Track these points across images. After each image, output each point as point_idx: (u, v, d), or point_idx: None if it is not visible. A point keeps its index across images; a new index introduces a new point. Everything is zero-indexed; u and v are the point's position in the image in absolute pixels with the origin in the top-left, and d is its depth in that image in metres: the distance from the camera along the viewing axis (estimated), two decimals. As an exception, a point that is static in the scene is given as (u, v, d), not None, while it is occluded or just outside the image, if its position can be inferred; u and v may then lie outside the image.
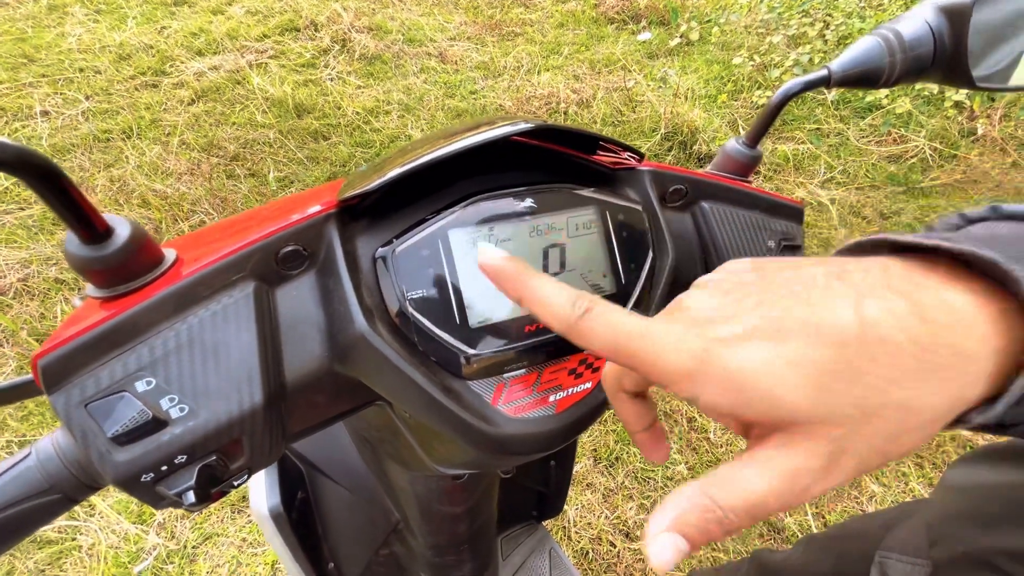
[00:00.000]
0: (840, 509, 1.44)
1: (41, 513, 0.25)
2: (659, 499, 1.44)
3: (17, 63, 2.73)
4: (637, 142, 2.57)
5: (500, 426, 0.30)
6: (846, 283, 0.20)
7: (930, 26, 0.35)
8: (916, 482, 1.49)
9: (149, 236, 0.27)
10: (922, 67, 0.36)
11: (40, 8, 3.17)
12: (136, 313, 0.25)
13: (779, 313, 0.20)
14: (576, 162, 0.36)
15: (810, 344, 0.19)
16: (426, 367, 0.29)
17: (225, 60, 2.85)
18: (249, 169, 2.27)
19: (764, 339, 0.19)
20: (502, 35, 3.37)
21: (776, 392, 0.19)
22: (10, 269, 1.73)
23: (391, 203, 0.30)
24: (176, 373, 0.26)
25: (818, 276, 0.21)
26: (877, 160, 2.59)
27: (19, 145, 0.21)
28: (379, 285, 0.29)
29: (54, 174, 0.22)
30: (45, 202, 0.22)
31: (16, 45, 2.85)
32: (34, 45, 2.86)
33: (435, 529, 0.61)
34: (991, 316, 0.19)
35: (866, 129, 2.76)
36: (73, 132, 2.35)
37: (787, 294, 0.20)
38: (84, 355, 0.25)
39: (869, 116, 2.79)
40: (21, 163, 0.21)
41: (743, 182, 0.44)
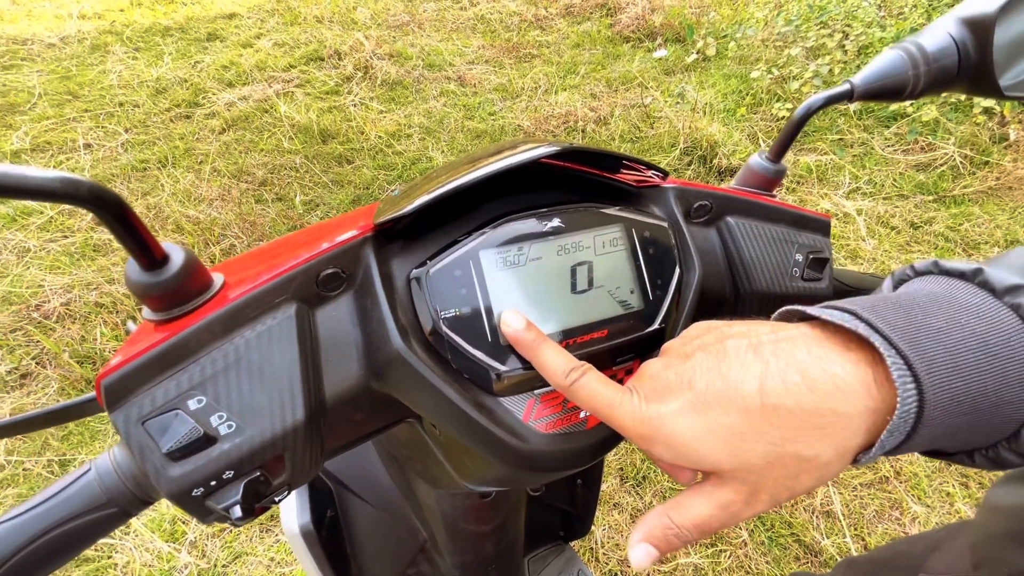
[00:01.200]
0: (881, 531, 1.38)
1: (99, 526, 0.27)
2: (688, 520, 1.41)
3: (62, 100, 2.89)
4: (656, 157, 2.57)
5: (532, 442, 0.31)
6: (758, 357, 0.26)
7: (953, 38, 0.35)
8: (961, 502, 1.42)
9: (200, 262, 0.28)
10: (947, 78, 0.36)
11: (84, 48, 3.37)
12: (188, 335, 0.27)
13: (703, 387, 0.26)
14: (601, 181, 0.37)
15: (724, 413, 0.25)
16: (459, 384, 0.30)
17: (254, 90, 2.97)
18: (276, 194, 2.35)
19: (692, 411, 0.26)
20: (519, 57, 3.44)
21: (702, 452, 0.26)
22: (54, 294, 1.81)
23: (424, 226, 0.32)
24: (224, 391, 0.27)
25: (739, 349, 0.27)
26: (904, 169, 2.54)
27: (93, 182, 0.22)
28: (413, 305, 0.30)
29: (122, 208, 0.24)
30: (112, 232, 0.24)
31: (62, 83, 3.03)
32: (78, 82, 3.04)
33: (462, 548, 0.61)
34: (865, 383, 0.24)
35: (891, 138, 2.71)
36: (113, 163, 2.47)
37: (712, 369, 0.27)
38: (142, 375, 0.26)
39: (894, 125, 2.75)
40: (94, 198, 0.22)
41: (768, 196, 0.44)
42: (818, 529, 1.38)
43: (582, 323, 0.32)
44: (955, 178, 2.43)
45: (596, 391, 0.28)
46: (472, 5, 4.03)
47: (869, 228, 2.25)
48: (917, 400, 0.23)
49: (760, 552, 1.34)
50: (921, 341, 0.23)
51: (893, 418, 0.23)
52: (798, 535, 1.37)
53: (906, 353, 0.23)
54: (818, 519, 1.41)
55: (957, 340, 0.23)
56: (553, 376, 0.29)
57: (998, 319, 0.23)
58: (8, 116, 2.74)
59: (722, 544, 1.36)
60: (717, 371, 0.26)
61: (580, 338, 0.32)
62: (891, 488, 1.47)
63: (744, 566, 1.32)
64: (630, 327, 0.34)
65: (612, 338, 0.33)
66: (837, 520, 1.40)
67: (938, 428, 0.23)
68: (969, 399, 0.23)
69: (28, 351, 1.69)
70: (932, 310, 0.24)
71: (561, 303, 0.32)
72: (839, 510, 1.41)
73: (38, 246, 1.99)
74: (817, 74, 2.73)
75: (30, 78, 3.05)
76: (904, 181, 2.47)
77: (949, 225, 2.23)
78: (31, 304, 1.79)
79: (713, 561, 1.33)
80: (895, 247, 2.18)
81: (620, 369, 0.34)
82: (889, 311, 0.24)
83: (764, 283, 0.41)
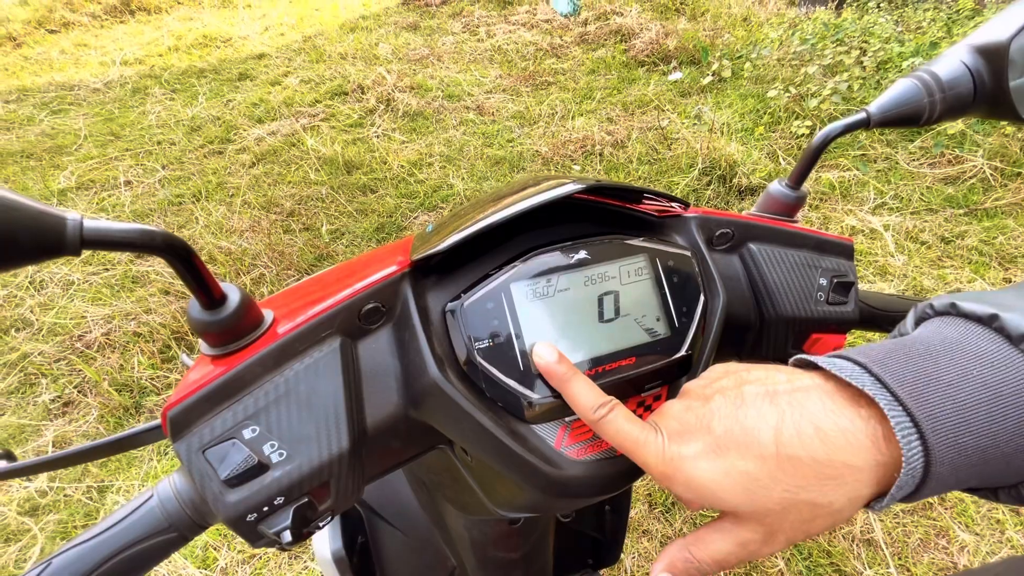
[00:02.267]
0: (927, 560, 1.32)
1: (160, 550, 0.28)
2: (721, 548, 1.36)
3: (105, 140, 3.07)
4: (674, 179, 2.58)
5: (564, 468, 0.32)
6: (774, 406, 0.27)
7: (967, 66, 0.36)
8: (1013, 529, 1.35)
9: (253, 300, 0.30)
10: (963, 105, 0.37)
11: (126, 91, 3.58)
12: (243, 369, 0.29)
13: (721, 432, 0.28)
14: (624, 213, 0.38)
15: (741, 458, 0.26)
16: (493, 412, 0.31)
17: (282, 125, 3.10)
18: (304, 223, 2.43)
19: (711, 455, 0.27)
20: (536, 85, 3.52)
21: (720, 495, 0.27)
22: (95, 324, 1.89)
23: (457, 260, 0.33)
24: (276, 421, 0.29)
25: (756, 397, 0.28)
26: (932, 183, 2.49)
27: (166, 232, 0.25)
28: (449, 336, 0.32)
29: (189, 254, 0.26)
30: (179, 275, 0.27)
31: (105, 124, 3.22)
32: (120, 124, 3.22)
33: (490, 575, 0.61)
34: (873, 438, 0.24)
35: (916, 152, 2.67)
36: (151, 198, 2.59)
37: (729, 415, 0.28)
38: (202, 407, 0.28)
39: (919, 139, 2.71)
40: (167, 246, 0.25)
41: (789, 222, 0.44)
42: (859, 558, 1.32)
43: (610, 351, 0.33)
44: (986, 191, 2.37)
45: (622, 428, 0.30)
46: (489, 37, 4.16)
47: (898, 244, 2.20)
48: (923, 457, 0.23)
49: (798, 583, 1.29)
50: (929, 396, 0.23)
51: (900, 474, 0.24)
52: (838, 565, 1.32)
53: (912, 410, 0.23)
54: (859, 547, 1.35)
55: (967, 393, 0.23)
56: (582, 410, 0.31)
57: (1011, 368, 0.23)
58: (56, 157, 2.92)
59: (756, 573, 1.31)
60: (735, 417, 0.28)
61: (608, 366, 0.33)
62: (936, 515, 1.41)
63: (782, 597, 1.27)
64: (657, 354, 0.34)
65: (640, 365, 0.34)
66: (879, 549, 1.34)
67: (948, 479, 0.24)
68: (978, 452, 0.23)
69: (71, 380, 1.76)
70: (943, 361, 0.24)
71: (589, 332, 0.33)
72: (881, 538, 1.35)
73: (81, 279, 2.09)
74: (836, 91, 2.72)
75: (76, 121, 3.24)
76: (932, 195, 2.42)
77: (982, 239, 2.16)
78: (74, 334, 1.87)
79: (749, 592, 1.28)
80: (926, 262, 2.12)
81: (648, 395, 0.34)
82: (899, 363, 0.25)
83: (789, 308, 0.41)
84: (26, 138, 3.08)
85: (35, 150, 2.97)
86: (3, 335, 1.89)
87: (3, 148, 2.98)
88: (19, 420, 1.66)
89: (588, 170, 2.72)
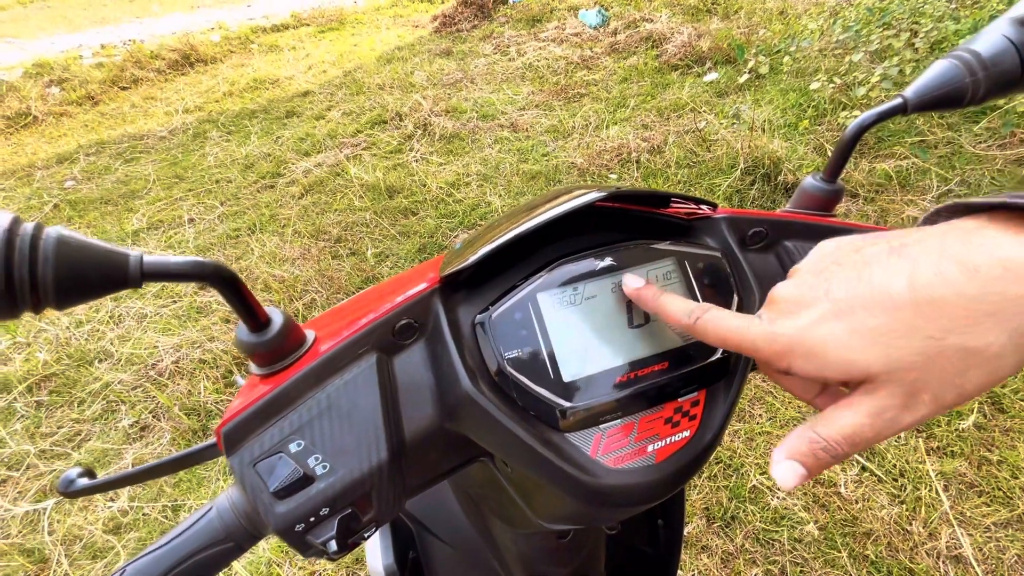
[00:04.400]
0: (1027, 579, 1.19)
1: (219, 559, 0.30)
2: (786, 564, 1.29)
3: (171, 183, 3.32)
4: (716, 180, 2.52)
5: (600, 477, 0.31)
6: (904, 258, 0.24)
7: (1010, 40, 0.34)
8: None
9: (295, 322, 0.32)
10: (1010, 81, 0.34)
11: (187, 137, 3.88)
12: (288, 386, 0.31)
13: (843, 294, 0.25)
14: (651, 218, 0.38)
15: (869, 314, 0.24)
16: (526, 421, 0.31)
17: (327, 157, 3.26)
18: (350, 249, 2.53)
19: (833, 318, 0.25)
20: (568, 98, 3.54)
21: (848, 356, 0.24)
22: (166, 353, 2.03)
23: (485, 274, 0.34)
24: (319, 435, 0.30)
25: (880, 255, 0.25)
26: (1003, 165, 2.31)
27: (216, 263, 0.28)
28: (479, 348, 0.32)
29: (236, 281, 0.29)
30: (228, 302, 0.29)
31: (171, 168, 3.49)
32: (183, 167, 3.48)
33: (542, 592, 0.60)
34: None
35: (982, 134, 2.48)
36: (212, 233, 2.78)
37: (852, 277, 0.25)
38: (252, 423, 0.30)
39: (984, 119, 2.52)
40: (217, 275, 0.27)
41: (826, 217, 0.42)
42: (946, 577, 1.21)
43: (642, 356, 0.33)
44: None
45: (722, 322, 0.28)
46: (520, 55, 4.23)
47: (967, 233, 2.05)
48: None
49: (877, 603, 1.20)
50: None
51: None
52: (922, 583, 1.21)
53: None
54: (945, 565, 1.24)
55: None
56: (678, 318, 0.30)
57: None
58: (130, 201, 3.19)
59: (831, 593, 1.23)
60: (858, 278, 0.25)
61: (641, 371, 0.33)
62: (1034, 528, 1.27)
63: (860, 619, 1.18)
64: (691, 358, 0.34)
65: (673, 370, 0.33)
66: (969, 567, 1.23)
67: None
68: None
69: (146, 406, 1.89)
70: None
71: (620, 338, 0.33)
72: (970, 554, 1.24)
73: (153, 311, 2.26)
74: (886, 76, 2.58)
75: (146, 167, 3.54)
76: (1005, 178, 2.24)
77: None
78: (148, 363, 2.02)
79: (822, 612, 1.20)
80: (1002, 251, 1.95)
81: (686, 401, 0.34)
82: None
83: None
84: (104, 186, 3.38)
85: (112, 196, 3.26)
86: (88, 366, 2.06)
87: (85, 196, 3.28)
88: (103, 444, 1.80)
89: (625, 178, 2.69)
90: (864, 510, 1.35)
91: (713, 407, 0.34)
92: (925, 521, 1.31)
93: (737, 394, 0.34)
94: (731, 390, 0.34)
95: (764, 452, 1.51)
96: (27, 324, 2.25)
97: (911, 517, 1.33)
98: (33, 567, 1.50)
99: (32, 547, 1.55)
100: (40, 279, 0.22)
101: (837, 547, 1.30)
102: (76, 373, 2.04)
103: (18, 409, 1.93)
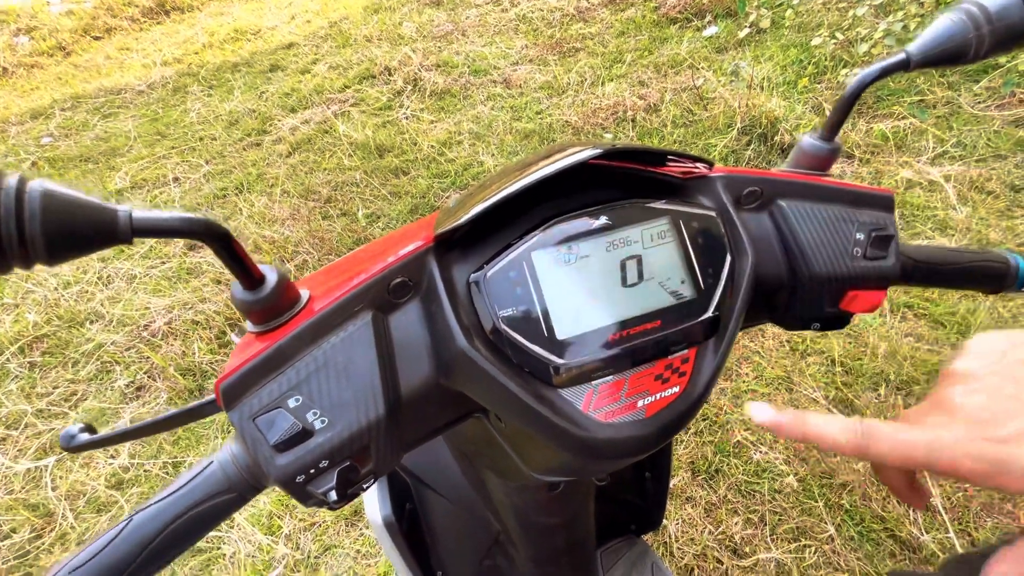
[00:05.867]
0: (991, 525, 1.27)
1: (222, 509, 0.31)
2: (766, 513, 1.35)
3: (153, 140, 3.22)
4: (712, 140, 2.48)
5: (592, 431, 0.32)
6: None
7: (1019, -8, 0.33)
8: (1089, 494, 1.27)
9: (290, 280, 0.32)
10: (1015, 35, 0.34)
11: (167, 91, 3.73)
12: (284, 343, 0.31)
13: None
14: (646, 176, 0.38)
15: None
16: (520, 378, 0.32)
17: (314, 114, 3.16)
18: (341, 209, 2.49)
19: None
20: (563, 53, 3.42)
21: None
22: (158, 315, 2.02)
23: (479, 232, 0.34)
24: (316, 391, 0.31)
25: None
26: (1001, 126, 2.29)
27: (207, 219, 0.27)
28: (474, 306, 0.32)
29: (228, 239, 0.29)
30: (221, 259, 0.29)
31: (152, 125, 3.37)
32: (165, 123, 3.36)
33: (534, 541, 0.63)
34: None
35: (981, 93, 2.45)
36: (198, 193, 2.72)
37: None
38: (250, 379, 0.30)
39: (984, 79, 2.48)
40: (208, 231, 0.27)
41: (822, 176, 0.42)
42: (916, 524, 1.29)
43: (634, 315, 0.33)
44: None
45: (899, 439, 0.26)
46: (513, 6, 4.06)
47: (960, 195, 2.05)
48: None
49: (849, 548, 1.27)
50: None
51: None
52: (892, 530, 1.28)
53: None
54: (915, 512, 1.31)
55: None
56: (838, 442, 0.28)
57: None
58: (111, 159, 3.09)
59: (806, 539, 1.30)
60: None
61: (633, 329, 0.33)
62: (1001, 479, 1.34)
63: (832, 562, 1.25)
64: (683, 316, 0.34)
65: (666, 328, 0.34)
66: (938, 514, 1.30)
67: None
68: None
69: (141, 367, 1.90)
70: None
71: (613, 297, 0.33)
72: (939, 504, 1.31)
73: (142, 272, 2.23)
74: (889, 32, 2.51)
75: (126, 123, 3.41)
76: (1000, 140, 2.23)
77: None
78: (140, 324, 2.01)
79: (797, 556, 1.27)
80: (993, 213, 1.97)
81: (676, 358, 0.34)
82: None
83: (823, 265, 0.40)
84: (82, 143, 3.27)
85: (91, 153, 3.16)
86: (79, 327, 2.05)
87: (64, 154, 3.17)
88: (100, 404, 1.82)
89: (620, 137, 2.65)
90: (842, 462, 1.41)
91: (702, 364, 0.35)
92: (899, 473, 1.38)
93: (726, 352, 0.35)
94: (720, 348, 0.35)
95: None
96: (13, 285, 2.23)
97: (886, 469, 1.39)
98: (39, 520, 1.54)
99: (36, 502, 1.58)
100: (28, 233, 0.22)
101: (814, 497, 1.36)
102: (68, 334, 2.03)
103: (12, 370, 1.94)
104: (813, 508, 1.35)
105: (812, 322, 0.42)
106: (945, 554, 1.24)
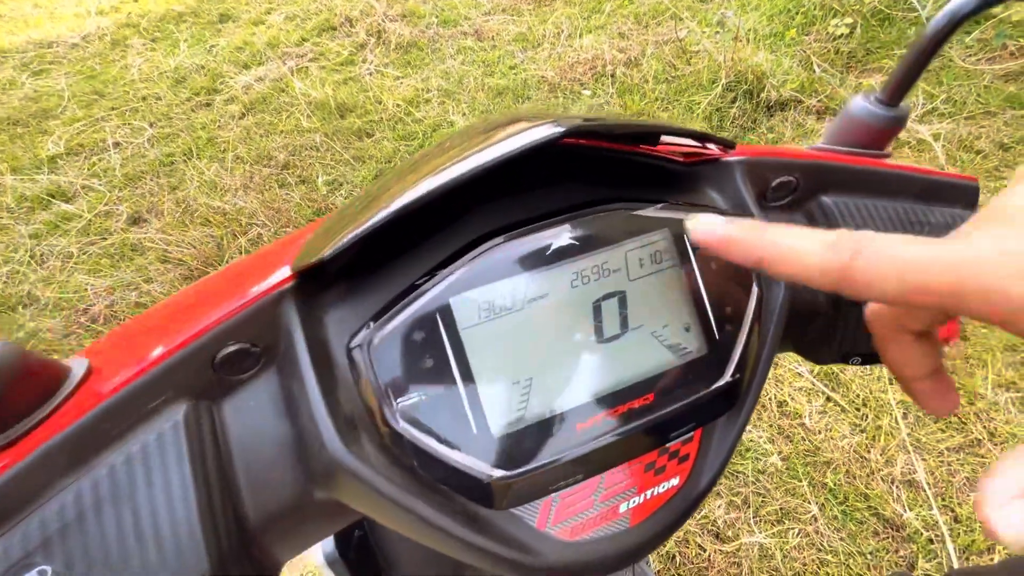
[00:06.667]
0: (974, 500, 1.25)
1: None
2: (749, 495, 1.31)
3: (90, 100, 2.92)
4: (695, 97, 2.34)
5: (548, 555, 0.22)
6: None
7: None
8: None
9: (39, 355, 0.20)
10: None
11: (105, 44, 3.37)
12: (24, 468, 0.19)
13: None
14: (634, 162, 0.26)
15: None
16: (438, 495, 0.21)
17: (269, 70, 2.89)
18: (299, 176, 2.30)
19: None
20: (538, 1, 3.18)
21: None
22: (97, 296, 1.85)
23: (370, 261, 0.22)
24: (81, 554, 0.19)
25: None
26: (991, 81, 2.19)
27: None
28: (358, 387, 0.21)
29: None
30: None
31: (88, 83, 3.05)
32: (103, 80, 3.05)
33: None
34: None
35: (973, 46, 2.34)
36: (142, 159, 2.48)
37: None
38: None
39: (976, 30, 2.37)
40: None
41: (879, 158, 0.31)
42: (899, 501, 1.26)
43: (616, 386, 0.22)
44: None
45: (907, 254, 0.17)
46: (484, -51, 3.74)
47: (949, 154, 1.97)
48: None
49: (832, 528, 1.24)
50: None
51: None
52: (876, 508, 1.26)
53: None
54: (898, 489, 1.28)
55: None
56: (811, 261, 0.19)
57: None
58: (43, 122, 2.80)
59: (789, 521, 1.26)
60: None
61: (616, 409, 0.22)
62: (984, 452, 1.32)
63: (815, 543, 1.22)
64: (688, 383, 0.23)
65: (664, 404, 0.22)
66: (921, 490, 1.27)
67: None
68: None
69: (82, 354, 1.74)
70: None
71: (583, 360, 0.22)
72: (923, 479, 1.28)
73: (79, 250, 2.04)
74: (882, -21, 2.36)
75: (58, 81, 3.08)
76: (991, 95, 2.14)
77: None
78: (79, 308, 1.84)
79: (780, 540, 1.24)
80: (982, 173, 1.90)
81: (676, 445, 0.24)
82: None
83: None
84: (10, 104, 2.95)
85: (21, 116, 2.85)
86: (11, 312, 1.87)
87: (-12, 116, 2.86)
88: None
89: (599, 95, 2.48)
90: (826, 440, 1.37)
91: (711, 443, 0.24)
92: (883, 449, 1.34)
93: (745, 423, 0.24)
94: (739, 419, 0.24)
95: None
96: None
97: (870, 446, 1.36)
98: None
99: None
100: None
101: (798, 476, 1.33)
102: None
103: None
104: (797, 488, 1.31)
105: (852, 357, 0.31)
106: (925, 531, 1.22)
